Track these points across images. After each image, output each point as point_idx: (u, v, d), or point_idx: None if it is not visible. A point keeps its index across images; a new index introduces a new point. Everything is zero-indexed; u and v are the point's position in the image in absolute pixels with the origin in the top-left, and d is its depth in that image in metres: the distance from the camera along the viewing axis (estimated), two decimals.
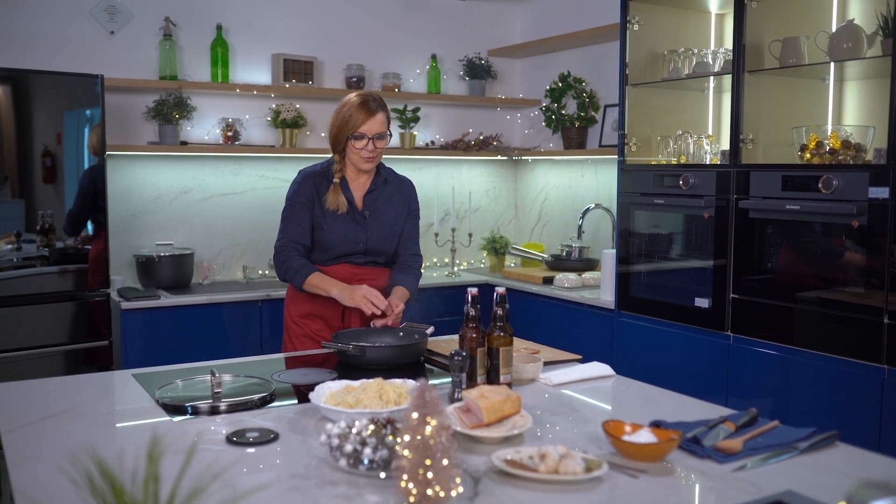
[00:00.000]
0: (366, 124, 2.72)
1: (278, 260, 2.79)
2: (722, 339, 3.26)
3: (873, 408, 2.74)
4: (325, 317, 2.82)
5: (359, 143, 2.74)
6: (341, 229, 2.78)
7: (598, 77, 4.76)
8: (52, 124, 3.62)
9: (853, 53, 2.98)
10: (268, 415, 1.98)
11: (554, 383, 2.27)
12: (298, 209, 2.80)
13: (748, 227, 3.15)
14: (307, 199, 2.80)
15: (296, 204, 2.80)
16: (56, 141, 3.63)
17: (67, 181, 3.65)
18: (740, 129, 3.22)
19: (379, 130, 2.74)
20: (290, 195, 2.83)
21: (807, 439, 1.77)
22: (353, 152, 2.76)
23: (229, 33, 4.41)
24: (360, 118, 2.71)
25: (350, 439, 1.58)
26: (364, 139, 2.73)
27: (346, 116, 2.73)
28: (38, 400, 2.09)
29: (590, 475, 1.54)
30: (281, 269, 2.78)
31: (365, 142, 2.73)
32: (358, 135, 2.73)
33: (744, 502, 1.46)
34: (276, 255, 2.81)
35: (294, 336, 2.86)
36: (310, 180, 2.82)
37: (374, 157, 2.77)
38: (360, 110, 2.72)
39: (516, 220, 5.45)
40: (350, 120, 2.72)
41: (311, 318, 2.83)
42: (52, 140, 3.61)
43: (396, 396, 1.92)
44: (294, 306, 2.87)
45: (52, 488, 1.51)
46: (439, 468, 1.39)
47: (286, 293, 2.94)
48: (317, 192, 2.80)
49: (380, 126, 2.75)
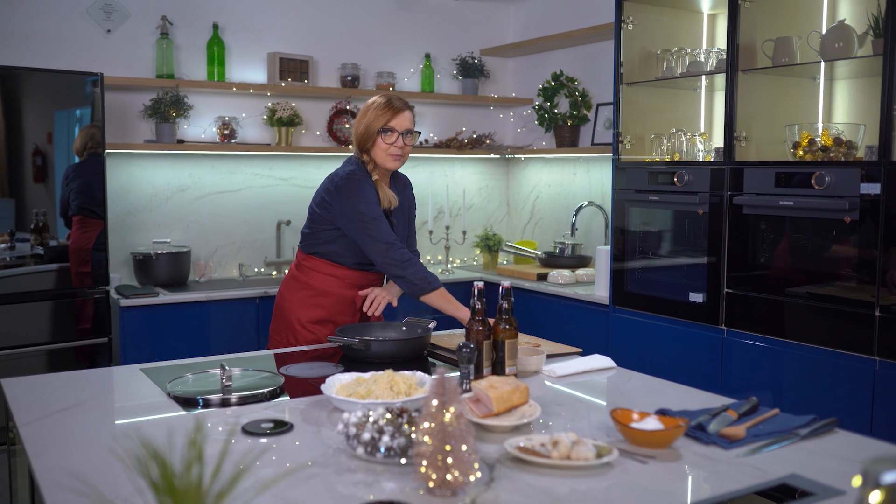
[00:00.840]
0: (395, 119, 2.71)
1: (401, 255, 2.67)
2: (716, 332, 3.32)
3: (865, 399, 2.81)
4: (338, 322, 2.81)
5: (389, 138, 2.71)
6: None
7: (590, 76, 4.81)
8: (42, 123, 3.63)
9: (844, 53, 3.05)
10: (279, 407, 2.02)
11: (557, 375, 2.32)
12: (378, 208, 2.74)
13: (742, 222, 3.21)
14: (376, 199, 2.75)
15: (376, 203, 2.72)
16: (47, 140, 3.63)
17: (59, 180, 3.66)
18: (734, 127, 3.28)
19: (408, 126, 2.74)
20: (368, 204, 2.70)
21: (807, 426, 1.82)
22: (382, 150, 2.73)
23: (225, 32, 4.43)
24: (390, 114, 2.71)
25: (367, 428, 1.61)
26: (395, 133, 2.71)
27: (376, 114, 2.72)
28: (49, 394, 2.12)
29: (601, 461, 1.58)
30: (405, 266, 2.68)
31: (395, 136, 2.72)
32: (388, 128, 2.71)
33: (751, 485, 1.51)
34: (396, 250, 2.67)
35: (303, 340, 2.80)
36: (368, 181, 2.75)
37: (402, 155, 2.76)
38: (387, 108, 2.72)
39: (508, 218, 5.50)
40: (380, 117, 2.71)
41: (324, 323, 2.81)
42: (43, 139, 3.62)
43: (407, 388, 1.96)
44: (304, 311, 2.82)
45: (76, 476, 1.54)
46: (459, 454, 1.44)
47: (292, 297, 2.86)
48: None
49: (409, 122, 2.75)
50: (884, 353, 2.75)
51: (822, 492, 1.48)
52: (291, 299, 2.86)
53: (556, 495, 1.47)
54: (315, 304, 2.82)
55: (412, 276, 2.68)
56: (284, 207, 4.65)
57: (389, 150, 2.73)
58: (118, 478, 1.52)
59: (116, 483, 1.50)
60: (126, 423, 1.90)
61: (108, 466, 1.59)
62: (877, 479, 0.90)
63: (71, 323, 3.68)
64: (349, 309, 2.83)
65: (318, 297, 2.82)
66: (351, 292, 2.84)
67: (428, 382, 2.01)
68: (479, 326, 2.21)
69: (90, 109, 3.70)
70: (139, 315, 3.79)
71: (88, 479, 1.51)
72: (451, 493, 1.45)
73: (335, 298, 2.82)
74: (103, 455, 1.66)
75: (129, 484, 1.46)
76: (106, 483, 1.51)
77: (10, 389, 2.15)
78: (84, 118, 3.71)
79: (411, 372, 2.08)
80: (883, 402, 2.76)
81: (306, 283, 2.84)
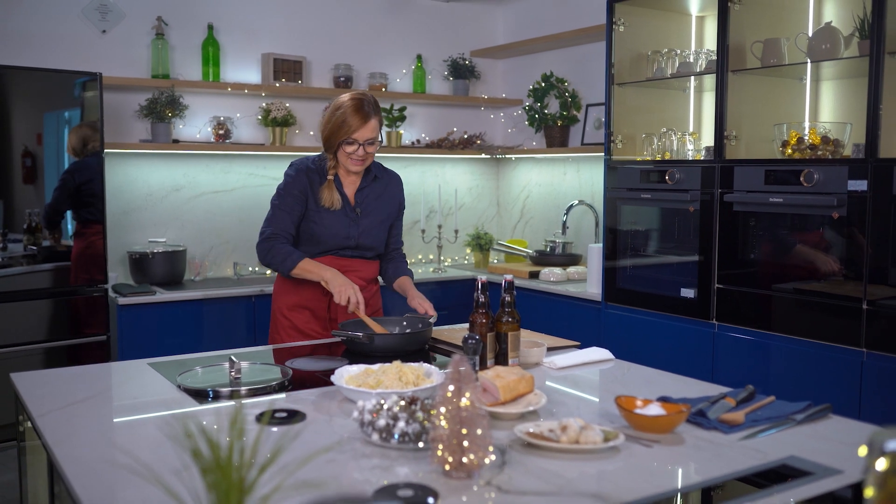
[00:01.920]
0: (359, 131, 2.74)
1: (265, 246, 2.79)
2: (707, 327, 3.39)
3: (853, 389, 2.89)
4: (311, 308, 2.87)
5: (350, 148, 2.77)
6: (334, 225, 2.83)
7: (579, 77, 4.89)
8: (31, 124, 3.64)
9: (831, 54, 3.14)
10: (289, 399, 2.06)
11: (558, 367, 2.38)
12: (290, 200, 2.81)
13: (732, 219, 3.29)
14: (301, 191, 2.82)
15: (288, 195, 2.82)
16: (36, 141, 3.66)
17: (48, 181, 3.68)
18: (724, 126, 3.36)
19: (370, 136, 2.77)
20: (283, 186, 2.84)
21: (803, 411, 1.89)
22: (344, 156, 2.80)
23: (220, 33, 4.47)
24: (355, 124, 2.73)
25: (382, 414, 1.67)
26: (356, 145, 2.76)
27: (340, 121, 2.74)
28: (60, 387, 2.15)
29: (608, 444, 1.64)
30: (267, 255, 2.78)
31: (356, 147, 2.76)
32: (350, 140, 2.75)
33: (752, 466, 1.58)
34: (262, 242, 2.80)
35: (281, 328, 2.89)
36: (303, 175, 2.84)
37: (363, 161, 2.82)
38: (354, 115, 2.73)
39: (499, 218, 5.56)
40: (343, 126, 2.74)
41: (298, 309, 2.87)
42: (33, 140, 3.64)
43: (415, 378, 2.01)
44: (282, 298, 2.90)
45: (96, 464, 1.58)
46: (474, 437, 1.49)
47: (274, 286, 2.97)
48: (311, 186, 2.83)
49: (372, 132, 2.77)
50: (871, 345, 2.83)
51: (821, 471, 1.55)
52: (275, 289, 2.97)
53: (568, 477, 1.53)
54: (290, 291, 2.88)
55: (273, 260, 2.78)
56: None
57: (351, 157, 2.79)
58: (148, 462, 1.57)
59: (148, 466, 1.55)
60: (142, 417, 1.94)
61: (131, 452, 1.63)
62: (882, 447, 0.96)
63: (69, 321, 3.71)
64: (320, 293, 2.87)
65: (292, 283, 2.88)
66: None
67: (435, 373, 2.06)
68: (483, 319, 2.26)
69: (80, 111, 3.72)
70: (137, 313, 3.82)
71: (117, 462, 1.55)
72: (467, 476, 1.51)
73: (306, 285, 2.85)
74: (126, 441, 1.70)
75: (159, 465, 1.50)
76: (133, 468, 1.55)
77: (20, 383, 2.18)
78: (73, 119, 3.73)
79: (418, 364, 2.13)
80: (871, 392, 2.84)
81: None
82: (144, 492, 1.47)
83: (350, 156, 2.78)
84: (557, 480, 1.52)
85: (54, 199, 3.71)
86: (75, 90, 3.69)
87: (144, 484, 1.50)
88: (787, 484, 1.49)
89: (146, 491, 1.47)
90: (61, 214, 3.77)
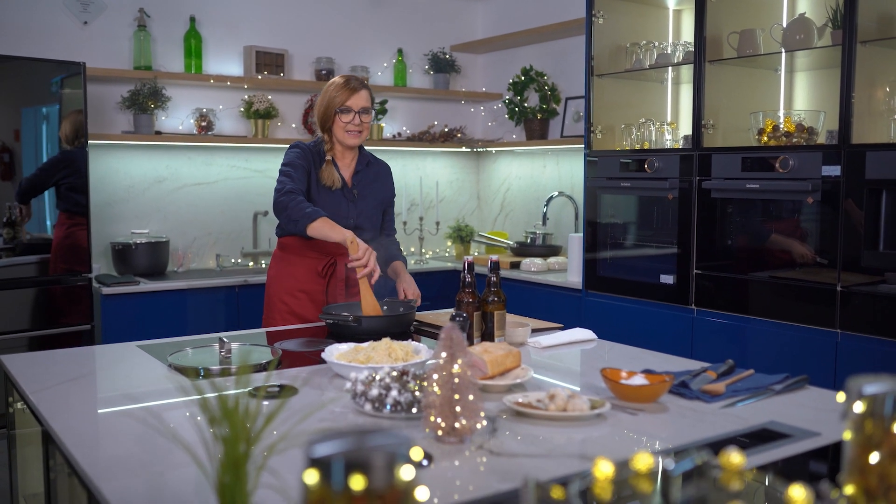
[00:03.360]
0: (351, 99, 2.87)
1: (287, 198, 2.72)
2: (686, 312, 3.46)
3: (828, 369, 2.97)
4: (308, 291, 2.91)
5: (346, 117, 2.87)
6: (333, 204, 2.89)
7: (558, 71, 4.95)
8: (10, 119, 3.63)
9: (805, 44, 3.22)
10: (280, 376, 2.09)
11: (543, 346, 2.43)
12: (299, 170, 2.83)
13: (710, 206, 3.36)
14: (306, 165, 2.87)
15: (297, 166, 2.83)
16: (14, 137, 3.65)
17: (26, 172, 3.68)
18: (702, 115, 3.43)
19: (364, 105, 2.89)
20: (290, 159, 2.85)
21: (781, 382, 1.96)
22: (340, 128, 2.88)
23: (202, 25, 4.48)
24: (346, 94, 2.87)
25: (374, 385, 1.71)
26: (351, 113, 2.87)
27: (332, 95, 2.88)
28: (52, 367, 2.17)
29: (595, 412, 1.70)
30: (287, 207, 2.71)
31: (352, 115, 2.87)
32: (344, 108, 2.86)
33: (734, 430, 1.64)
34: (283, 194, 2.74)
35: (277, 312, 2.93)
36: (308, 152, 2.91)
37: (360, 132, 2.90)
38: (344, 87, 2.87)
39: (479, 211, 5.61)
40: (337, 97, 2.87)
41: (296, 293, 2.92)
42: (10, 136, 3.63)
43: (404, 354, 2.06)
44: (279, 282, 2.94)
45: (94, 435, 1.61)
46: (466, 403, 1.54)
47: (271, 271, 3.00)
48: (313, 164, 2.91)
49: (364, 101, 2.90)
50: (845, 326, 2.91)
51: (799, 434, 1.61)
52: (271, 275, 3.00)
53: (556, 442, 1.58)
54: (288, 276, 2.92)
55: (293, 212, 2.71)
56: (261, 199, 4.71)
57: (347, 127, 2.88)
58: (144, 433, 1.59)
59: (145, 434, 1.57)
60: (135, 391, 1.96)
61: (130, 426, 1.66)
62: (860, 391, 1.02)
63: (53, 311, 3.71)
64: (317, 277, 2.90)
65: (290, 267, 2.91)
66: (316, 260, 2.92)
67: (423, 350, 2.10)
68: (469, 299, 2.31)
69: (58, 106, 3.72)
70: (121, 303, 3.83)
71: (114, 430, 1.58)
72: (459, 441, 1.55)
73: (304, 269, 2.90)
74: (122, 414, 1.72)
75: (159, 436, 1.53)
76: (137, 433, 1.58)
77: (11, 364, 2.19)
78: (52, 115, 3.72)
79: (407, 341, 2.17)
80: (845, 371, 2.92)
81: (280, 257, 2.99)
82: (146, 457, 1.50)
83: (346, 126, 2.87)
84: (546, 444, 1.56)
85: (35, 174, 3.69)
86: (56, 84, 3.69)
87: (145, 450, 1.54)
88: (768, 445, 1.55)
89: (149, 456, 1.50)
90: (37, 192, 3.73)
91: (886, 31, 2.97)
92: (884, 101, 3.00)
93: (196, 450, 1.28)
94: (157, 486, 1.37)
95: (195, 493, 1.33)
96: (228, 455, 1.05)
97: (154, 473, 1.42)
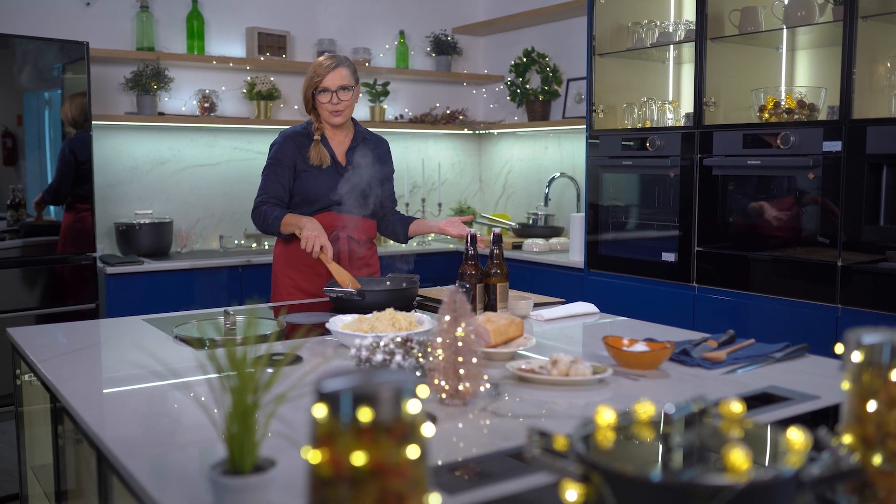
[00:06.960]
0: (327, 78, 2.86)
1: (258, 213, 2.89)
2: (688, 290, 3.48)
3: (829, 343, 2.97)
4: (314, 265, 2.92)
5: (323, 97, 2.88)
6: (322, 181, 2.92)
7: (560, 52, 4.95)
8: (12, 104, 3.63)
9: (806, 20, 3.22)
10: (284, 346, 2.11)
11: (545, 318, 2.45)
12: (279, 168, 2.92)
13: (712, 183, 3.37)
14: (288, 158, 2.93)
15: (277, 164, 2.93)
16: (17, 122, 3.66)
17: (29, 160, 3.69)
18: (703, 93, 3.43)
19: (341, 83, 2.88)
20: (272, 155, 2.96)
21: (781, 350, 1.98)
22: (321, 107, 2.91)
23: (204, 6, 4.48)
24: (322, 73, 2.87)
25: (379, 351, 1.72)
26: (328, 93, 2.87)
27: (311, 74, 2.90)
28: (59, 339, 2.19)
29: (597, 377, 1.72)
30: (261, 221, 2.89)
31: (329, 95, 2.87)
32: (321, 89, 2.87)
33: (735, 393, 1.65)
34: (255, 209, 2.91)
35: (282, 287, 2.98)
36: (290, 140, 2.96)
37: (340, 111, 2.91)
38: (322, 66, 2.88)
39: (481, 193, 5.62)
40: (314, 76, 2.89)
41: (302, 268, 2.95)
42: (13, 121, 3.64)
43: (408, 324, 2.07)
44: (285, 258, 2.98)
45: (103, 399, 1.63)
46: (470, 366, 1.56)
47: (277, 248, 3.04)
48: (298, 150, 2.94)
49: (342, 79, 2.88)
50: (846, 301, 2.93)
51: (799, 397, 1.63)
52: (277, 252, 3.04)
53: (558, 406, 1.60)
54: (291, 252, 2.95)
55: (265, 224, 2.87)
56: None
57: (326, 107, 2.89)
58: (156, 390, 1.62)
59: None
60: (142, 359, 1.98)
61: (138, 391, 1.68)
62: (859, 341, 1.03)
63: (58, 290, 3.73)
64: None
65: (295, 242, 2.93)
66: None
67: (427, 321, 2.12)
68: (472, 271, 2.33)
69: (60, 91, 3.73)
70: (125, 282, 3.85)
71: (123, 394, 1.60)
72: (462, 403, 1.57)
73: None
74: (130, 378, 1.75)
75: (167, 393, 1.55)
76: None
77: (19, 336, 2.21)
78: (54, 99, 3.73)
79: (410, 312, 2.19)
80: None
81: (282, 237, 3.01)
82: (155, 419, 1.52)
83: (325, 106, 2.89)
84: (549, 407, 1.58)
85: (56, 179, 3.73)
86: (57, 69, 3.69)
87: (154, 412, 1.56)
88: (769, 406, 1.57)
89: (158, 418, 1.52)
90: (65, 195, 3.78)
91: (887, 6, 2.97)
92: (885, 76, 3.00)
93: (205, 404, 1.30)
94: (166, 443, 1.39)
95: (204, 448, 1.35)
96: (237, 405, 1.07)
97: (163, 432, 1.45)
